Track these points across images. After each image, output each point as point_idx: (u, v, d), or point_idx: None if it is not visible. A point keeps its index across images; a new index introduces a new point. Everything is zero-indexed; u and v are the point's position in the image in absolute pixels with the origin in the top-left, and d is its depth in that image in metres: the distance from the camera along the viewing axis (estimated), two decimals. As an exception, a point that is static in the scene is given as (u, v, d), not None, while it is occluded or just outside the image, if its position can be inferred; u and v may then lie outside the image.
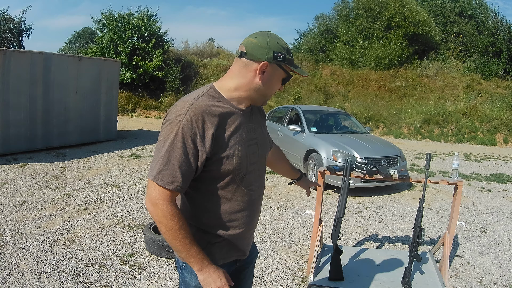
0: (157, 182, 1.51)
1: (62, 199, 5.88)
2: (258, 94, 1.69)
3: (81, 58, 10.27)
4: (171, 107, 1.60)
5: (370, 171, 3.66)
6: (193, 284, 1.74)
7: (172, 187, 1.51)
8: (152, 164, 1.56)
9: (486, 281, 3.98)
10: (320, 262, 3.79)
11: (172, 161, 1.51)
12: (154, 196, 1.52)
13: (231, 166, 1.62)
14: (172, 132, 1.52)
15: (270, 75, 1.66)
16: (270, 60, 1.62)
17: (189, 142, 1.51)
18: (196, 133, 1.52)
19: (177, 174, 1.51)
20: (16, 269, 3.67)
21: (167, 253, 4.04)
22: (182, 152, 1.51)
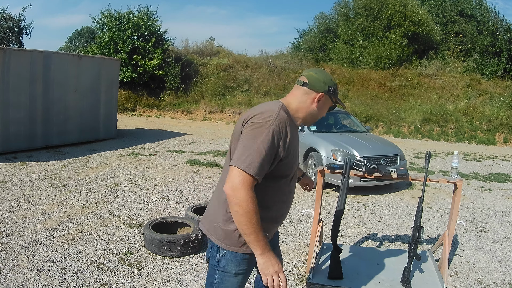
0: (248, 171, 1.79)
1: (62, 197, 5.87)
2: (311, 117, 2.13)
3: (81, 57, 10.27)
4: (256, 112, 1.94)
5: (369, 169, 3.66)
6: (233, 271, 2.02)
7: (258, 177, 1.82)
8: (241, 156, 1.82)
9: (486, 280, 3.98)
10: (320, 260, 3.79)
11: (261, 156, 1.81)
12: (239, 182, 1.79)
13: (290, 169, 2.04)
14: (263, 133, 1.85)
15: (323, 103, 2.12)
16: (325, 92, 2.08)
17: (275, 144, 1.87)
18: (280, 138, 1.89)
19: (262, 168, 1.82)
20: (15, 267, 3.67)
21: (166, 251, 4.04)
22: (269, 151, 1.84)
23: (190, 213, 4.84)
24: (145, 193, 6.36)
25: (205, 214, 2.18)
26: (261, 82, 20.94)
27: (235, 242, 2.00)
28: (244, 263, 2.04)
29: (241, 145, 1.86)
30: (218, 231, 2.03)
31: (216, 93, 20.23)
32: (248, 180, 1.79)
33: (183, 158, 9.36)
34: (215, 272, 2.05)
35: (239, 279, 2.06)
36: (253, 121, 1.89)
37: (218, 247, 2.03)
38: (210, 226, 2.08)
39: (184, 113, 19.61)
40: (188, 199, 6.19)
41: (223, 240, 2.01)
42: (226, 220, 2.00)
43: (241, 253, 2.01)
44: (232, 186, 1.79)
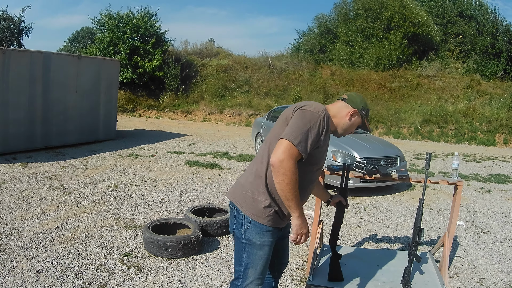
0: (298, 147, 2.06)
1: (61, 198, 5.86)
2: (341, 128, 2.43)
3: (80, 58, 10.26)
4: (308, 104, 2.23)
5: (370, 171, 3.65)
6: (258, 242, 2.25)
7: (304, 155, 2.10)
8: (293, 133, 2.08)
9: (486, 281, 3.98)
10: (320, 262, 3.78)
11: (309, 138, 2.11)
12: (289, 154, 2.04)
13: (320, 159, 2.32)
14: (313, 120, 2.14)
15: (354, 120, 2.43)
16: (359, 110, 2.43)
17: (320, 132, 2.16)
18: (324, 128, 2.18)
19: (307, 149, 2.10)
20: (14, 269, 3.65)
21: (166, 252, 4.03)
22: (315, 137, 2.13)
23: (190, 214, 4.83)
24: (145, 194, 6.34)
25: (235, 185, 2.41)
26: (261, 83, 20.95)
27: (261, 212, 2.23)
28: (267, 234, 2.26)
29: (294, 124, 2.13)
30: (247, 200, 2.26)
31: (216, 94, 20.23)
32: (296, 154, 2.06)
33: (183, 159, 9.35)
34: (242, 246, 2.30)
35: (265, 252, 2.28)
36: (306, 109, 2.18)
37: (243, 219, 2.26)
38: (239, 194, 2.31)
39: (184, 114, 19.61)
40: (188, 200, 6.18)
41: (250, 209, 2.24)
42: (258, 191, 2.24)
43: (264, 225, 2.24)
44: (279, 157, 2.04)
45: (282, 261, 2.62)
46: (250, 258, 2.27)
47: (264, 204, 2.22)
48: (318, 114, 2.16)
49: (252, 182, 2.26)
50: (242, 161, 9.45)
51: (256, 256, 2.26)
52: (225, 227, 4.77)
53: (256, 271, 2.28)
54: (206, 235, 4.65)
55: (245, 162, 9.41)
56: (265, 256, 2.28)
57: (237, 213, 2.28)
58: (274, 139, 2.21)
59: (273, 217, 2.25)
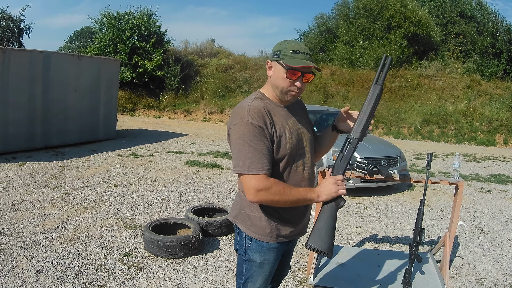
0: (253, 171, 1.84)
1: (61, 198, 5.86)
2: (276, 89, 2.03)
3: (80, 57, 10.25)
4: (232, 117, 1.96)
5: (371, 171, 3.65)
6: (258, 260, 2.11)
7: (264, 171, 1.85)
8: (238, 162, 1.87)
9: (487, 282, 3.97)
10: (320, 262, 3.77)
11: (255, 152, 1.85)
12: (253, 187, 1.85)
13: (285, 150, 1.98)
14: (242, 130, 1.87)
15: (272, 71, 2.02)
16: (271, 59, 2.01)
17: (261, 134, 1.88)
18: (263, 126, 1.89)
19: (263, 162, 1.86)
20: (14, 269, 3.65)
21: (166, 252, 4.02)
22: (259, 143, 1.86)
23: (190, 214, 4.82)
24: (145, 194, 6.34)
25: (233, 204, 2.25)
26: (261, 82, 20.92)
27: (261, 229, 2.08)
28: (269, 252, 2.13)
29: (233, 151, 1.92)
30: (245, 219, 2.12)
31: (216, 93, 20.22)
32: (258, 180, 1.85)
33: (183, 158, 9.35)
34: (243, 262, 2.17)
35: (265, 269, 2.16)
36: (232, 124, 1.94)
37: (244, 236, 2.13)
38: (237, 213, 2.17)
39: (184, 114, 19.60)
40: (188, 200, 6.18)
41: (249, 227, 2.10)
42: (249, 207, 2.08)
43: (266, 242, 2.09)
44: (254, 193, 1.86)
45: (282, 273, 2.53)
46: (249, 274, 2.18)
47: (262, 221, 2.07)
48: (244, 121, 1.88)
49: (244, 199, 2.09)
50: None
51: (255, 273, 2.17)
52: (226, 227, 4.76)
53: (255, 285, 2.19)
54: (206, 235, 4.65)
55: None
56: (264, 273, 2.19)
57: (239, 230, 2.17)
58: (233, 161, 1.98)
59: (275, 231, 2.09)
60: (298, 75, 1.97)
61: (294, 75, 1.96)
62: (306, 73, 1.98)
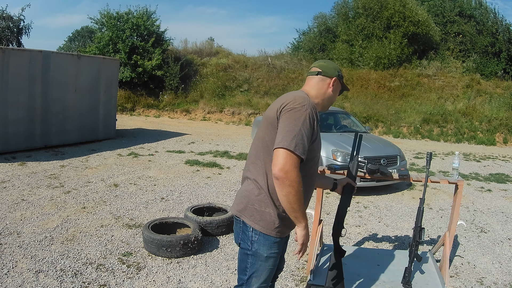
0: (297, 152, 1.95)
1: (61, 197, 5.85)
2: (328, 101, 2.37)
3: (80, 57, 10.24)
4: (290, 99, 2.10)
5: (370, 170, 3.64)
6: (264, 254, 2.19)
7: (304, 156, 1.99)
8: (287, 138, 1.97)
9: (486, 281, 3.97)
10: (320, 262, 3.77)
11: (304, 138, 1.99)
12: (291, 164, 1.94)
13: (317, 151, 2.27)
14: (302, 116, 2.02)
15: (336, 87, 2.38)
16: (337, 77, 2.36)
17: (312, 126, 2.06)
18: (314, 120, 2.08)
19: (305, 149, 2.00)
20: (14, 268, 3.64)
21: (165, 252, 4.02)
22: (308, 133, 2.03)
23: (190, 213, 4.82)
24: (145, 194, 6.33)
25: (238, 198, 2.28)
26: (260, 82, 20.93)
27: (270, 225, 2.16)
28: (274, 246, 2.21)
29: (284, 128, 2.00)
30: (254, 213, 2.17)
31: (216, 93, 20.21)
32: (296, 161, 1.96)
33: (183, 158, 9.34)
34: (247, 257, 2.22)
35: (270, 263, 2.23)
36: (290, 107, 2.05)
37: (250, 231, 2.18)
38: (244, 208, 2.21)
39: (184, 113, 19.60)
40: (188, 200, 6.17)
41: (258, 221, 2.16)
42: (261, 203, 2.15)
43: (272, 236, 2.18)
44: (283, 169, 1.93)
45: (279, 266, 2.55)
46: (254, 269, 2.22)
47: (272, 216, 2.15)
48: (304, 109, 2.04)
49: (256, 194, 2.17)
50: (242, 160, 9.44)
51: (261, 267, 2.22)
52: (225, 226, 4.76)
53: (260, 280, 2.25)
54: (206, 235, 4.65)
55: (244, 161, 9.38)
56: (269, 267, 2.25)
57: (244, 225, 2.21)
58: (268, 146, 2.12)
59: (282, 227, 2.20)
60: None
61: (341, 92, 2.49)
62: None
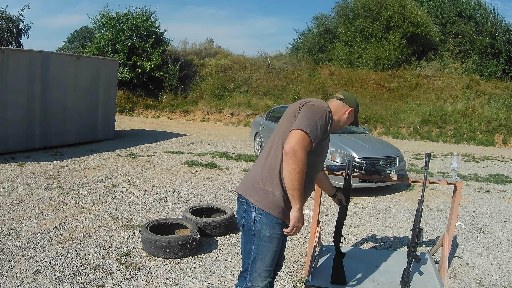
0: (310, 135, 2.18)
1: (59, 198, 5.85)
2: (339, 124, 2.61)
3: (79, 57, 10.24)
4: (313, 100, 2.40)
5: (368, 171, 3.64)
6: (267, 234, 2.30)
7: (314, 143, 2.22)
8: (304, 123, 2.21)
9: (485, 282, 3.97)
10: (318, 263, 3.77)
11: (318, 128, 2.24)
12: (302, 143, 2.16)
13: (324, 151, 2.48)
14: (321, 112, 2.30)
15: (350, 117, 2.64)
16: (354, 108, 2.64)
17: (327, 123, 2.31)
18: (329, 121, 2.34)
19: (317, 137, 2.24)
20: (12, 269, 3.64)
21: (164, 253, 4.02)
22: (323, 127, 2.27)
23: (188, 214, 4.81)
24: (143, 194, 6.33)
25: (244, 179, 2.46)
26: (259, 83, 20.94)
27: (273, 204, 2.29)
28: (277, 227, 2.32)
29: (303, 116, 2.25)
30: (259, 192, 2.32)
31: (215, 94, 20.22)
32: (308, 143, 2.18)
33: (182, 159, 9.34)
34: (252, 238, 2.33)
35: (274, 244, 2.33)
36: (312, 104, 2.35)
37: (254, 210, 2.31)
38: (250, 187, 2.36)
39: (183, 114, 19.60)
40: (186, 200, 6.17)
41: (262, 200, 2.30)
42: (265, 181, 2.31)
43: (274, 217, 2.29)
44: (294, 146, 2.13)
45: (279, 263, 2.63)
46: (259, 250, 2.31)
47: (276, 196, 2.28)
48: (324, 108, 2.33)
49: (264, 175, 2.33)
50: (241, 161, 9.44)
51: (265, 248, 2.31)
52: (224, 227, 4.76)
53: (264, 263, 2.32)
54: (204, 235, 4.64)
55: (244, 162, 9.39)
56: (273, 249, 2.33)
57: (247, 205, 2.33)
58: (286, 132, 2.32)
59: (284, 210, 2.31)
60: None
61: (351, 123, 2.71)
62: None
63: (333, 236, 3.42)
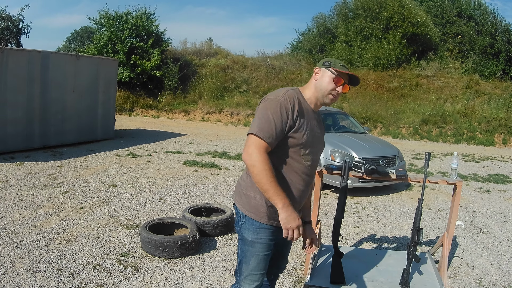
0: (259, 135, 2.02)
1: (59, 198, 5.84)
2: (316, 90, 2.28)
3: (78, 57, 10.23)
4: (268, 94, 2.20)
5: (368, 170, 3.63)
6: (249, 239, 2.23)
7: (268, 141, 2.04)
8: (255, 124, 2.07)
9: (485, 282, 3.96)
10: (317, 262, 3.76)
11: (271, 123, 2.05)
12: (253, 146, 2.02)
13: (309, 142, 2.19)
14: (273, 105, 2.09)
15: (321, 76, 2.28)
16: (320, 66, 2.31)
17: (283, 114, 2.08)
18: (289, 109, 2.10)
19: (272, 133, 2.05)
20: (11, 268, 3.63)
21: (163, 252, 4.01)
22: (278, 119, 2.06)
23: (187, 214, 4.81)
24: (142, 194, 6.32)
25: (236, 183, 2.42)
26: (259, 82, 20.93)
27: (254, 209, 2.22)
28: (260, 232, 2.23)
29: (255, 117, 2.13)
30: (242, 197, 2.28)
31: (215, 93, 20.21)
32: (259, 143, 2.03)
33: (181, 158, 9.33)
34: (239, 242, 2.32)
35: (257, 249, 2.24)
36: (267, 98, 2.16)
37: (239, 215, 2.28)
38: (236, 193, 2.34)
39: (182, 114, 19.58)
40: (186, 200, 6.16)
41: (244, 205, 2.26)
42: (247, 186, 2.26)
43: (257, 221, 2.22)
44: (247, 151, 2.04)
45: (279, 265, 2.59)
46: (243, 254, 2.28)
47: (258, 201, 2.21)
48: (277, 99, 2.11)
49: (247, 180, 2.28)
50: (240, 161, 9.43)
51: (247, 252, 2.26)
52: (223, 227, 4.75)
53: (248, 267, 2.26)
54: (203, 235, 4.64)
55: (243, 161, 9.37)
56: (256, 253, 2.24)
57: (236, 209, 2.32)
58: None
59: (269, 212, 2.19)
60: (341, 82, 2.26)
61: (339, 82, 2.25)
62: (346, 84, 2.28)
63: (331, 236, 3.41)
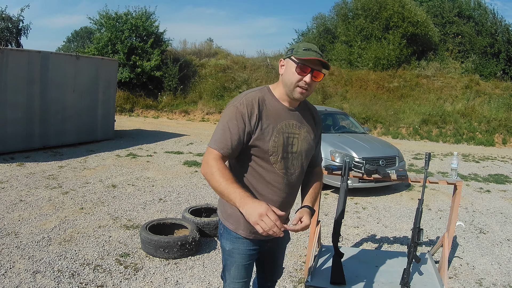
0: (213, 146, 1.92)
1: (59, 198, 5.84)
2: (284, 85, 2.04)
3: (78, 57, 10.23)
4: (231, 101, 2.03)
5: (368, 171, 3.63)
6: (227, 248, 2.16)
7: (222, 151, 1.91)
8: (212, 136, 1.96)
9: (485, 282, 3.96)
10: (318, 263, 3.76)
11: (226, 132, 1.92)
12: (205, 157, 1.93)
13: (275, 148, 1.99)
14: (228, 113, 1.95)
15: (284, 68, 2.05)
16: (284, 57, 2.08)
17: (240, 119, 1.92)
18: (245, 113, 1.93)
19: (227, 143, 1.92)
20: (11, 269, 3.63)
21: (163, 253, 4.01)
22: (234, 126, 1.92)
23: (188, 214, 4.80)
24: (143, 194, 6.32)
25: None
26: (259, 83, 20.91)
27: (230, 217, 2.12)
28: (238, 242, 2.13)
29: (215, 128, 1.99)
30: (220, 204, 2.23)
31: (214, 94, 20.20)
32: (213, 154, 1.91)
33: (181, 159, 9.33)
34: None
35: (235, 259, 2.15)
36: (227, 106, 2.02)
37: (220, 222, 2.22)
38: (219, 202, 2.26)
39: (182, 114, 19.57)
40: (186, 201, 6.16)
41: (222, 213, 2.20)
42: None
43: (233, 232, 2.12)
44: (202, 167, 1.94)
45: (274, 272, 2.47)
46: (225, 262, 2.21)
47: (231, 208, 2.06)
48: (234, 105, 1.96)
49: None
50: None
51: (228, 261, 2.18)
52: (223, 227, 4.74)
53: (230, 275, 2.18)
54: (203, 236, 4.63)
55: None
56: (235, 263, 2.15)
57: (219, 219, 2.24)
58: None
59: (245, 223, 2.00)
60: (308, 71, 1.96)
61: (304, 71, 1.96)
62: (316, 71, 1.98)
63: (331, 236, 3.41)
